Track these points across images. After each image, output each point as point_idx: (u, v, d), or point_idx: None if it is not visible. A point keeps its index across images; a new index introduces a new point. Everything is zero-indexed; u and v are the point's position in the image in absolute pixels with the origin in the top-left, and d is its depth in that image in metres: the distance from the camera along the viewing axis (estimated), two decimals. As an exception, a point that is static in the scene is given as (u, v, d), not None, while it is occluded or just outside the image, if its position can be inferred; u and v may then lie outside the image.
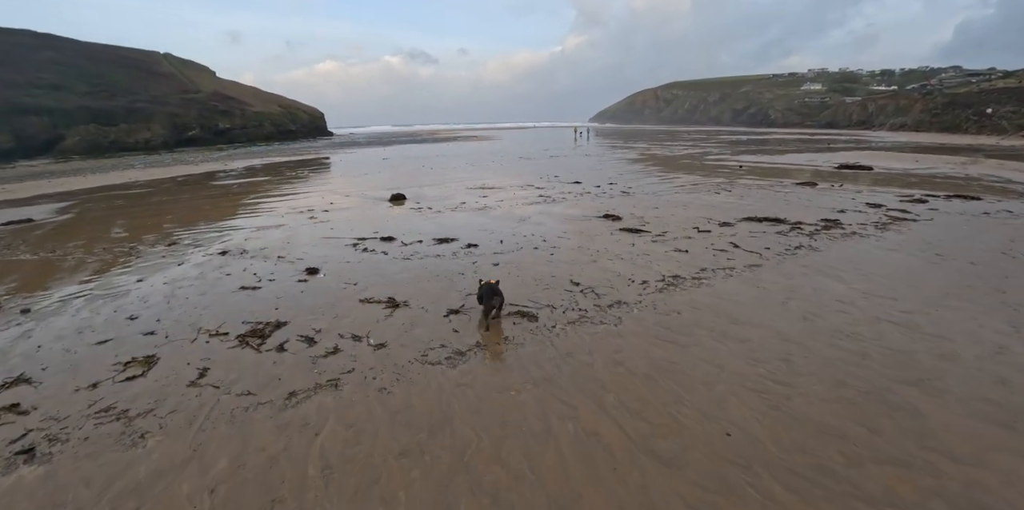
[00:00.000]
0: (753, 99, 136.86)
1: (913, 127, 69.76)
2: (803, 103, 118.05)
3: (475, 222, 11.31)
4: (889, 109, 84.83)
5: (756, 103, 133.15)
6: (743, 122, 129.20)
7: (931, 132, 62.08)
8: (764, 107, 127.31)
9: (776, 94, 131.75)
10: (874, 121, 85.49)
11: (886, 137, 57.63)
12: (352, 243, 9.72)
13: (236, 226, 12.19)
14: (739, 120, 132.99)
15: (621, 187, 16.60)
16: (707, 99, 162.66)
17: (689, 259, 8.00)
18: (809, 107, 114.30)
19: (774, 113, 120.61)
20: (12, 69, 48.08)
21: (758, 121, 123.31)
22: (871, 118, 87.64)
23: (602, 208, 12.60)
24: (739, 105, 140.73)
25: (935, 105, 69.12)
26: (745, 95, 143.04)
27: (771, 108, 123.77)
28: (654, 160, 28.52)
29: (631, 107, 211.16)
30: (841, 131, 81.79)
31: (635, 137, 64.04)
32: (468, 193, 16.02)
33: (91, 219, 14.42)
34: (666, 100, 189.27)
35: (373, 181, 20.74)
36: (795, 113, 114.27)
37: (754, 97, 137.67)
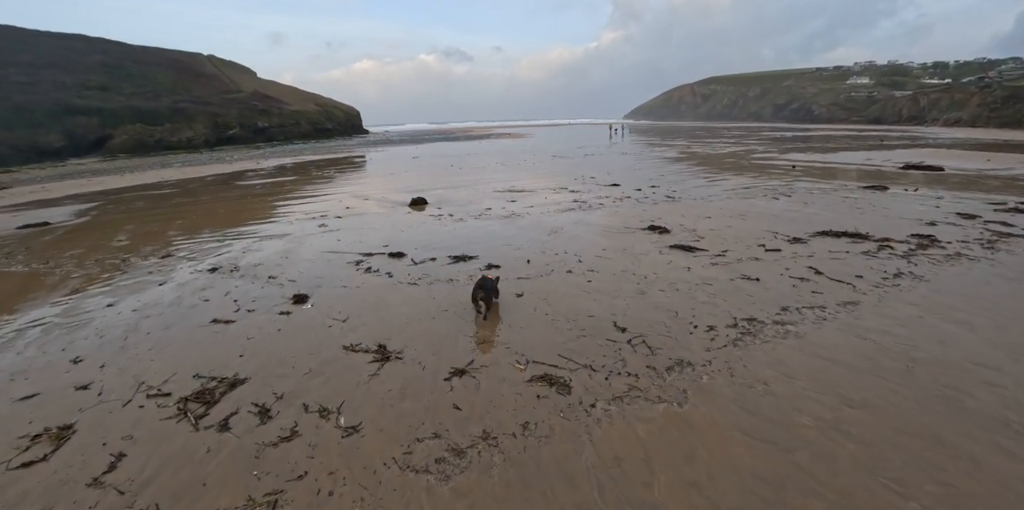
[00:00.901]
0: (796, 94, 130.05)
1: (969, 122, 64.32)
2: (849, 98, 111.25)
3: (500, 234, 9.72)
4: (943, 103, 78.69)
5: (799, 98, 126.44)
6: (785, 118, 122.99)
7: (989, 128, 56.93)
8: (807, 102, 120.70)
9: (820, 88, 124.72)
10: (926, 116, 79.51)
11: (941, 133, 52.97)
12: (356, 260, 8.29)
13: (241, 233, 10.98)
14: (780, 116, 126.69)
15: (664, 191, 14.71)
16: (747, 94, 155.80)
17: (763, 292, 6.20)
18: (855, 102, 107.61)
19: (818, 108, 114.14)
20: (64, 71, 49.12)
21: (801, 117, 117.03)
22: (923, 113, 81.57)
23: (646, 217, 10.82)
24: (781, 100, 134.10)
25: (994, 99, 63.38)
26: (787, 90, 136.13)
27: (815, 103, 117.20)
28: (696, 159, 26.27)
29: (667, 103, 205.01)
30: (891, 127, 76.43)
31: (673, 134, 61.09)
32: (495, 197, 14.44)
33: (103, 223, 13.55)
34: (704, 96, 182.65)
35: (397, 182, 19.40)
36: (840, 108, 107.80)
37: (797, 92, 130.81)
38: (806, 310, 5.61)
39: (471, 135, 74.74)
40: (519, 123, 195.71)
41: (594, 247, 8.40)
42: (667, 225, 9.84)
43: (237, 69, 72.66)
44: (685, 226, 9.80)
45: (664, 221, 10.27)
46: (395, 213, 12.43)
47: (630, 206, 12.22)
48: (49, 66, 48.74)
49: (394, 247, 8.95)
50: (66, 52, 51.71)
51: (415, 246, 8.98)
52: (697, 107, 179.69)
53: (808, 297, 6.00)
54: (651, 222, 10.19)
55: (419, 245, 9.04)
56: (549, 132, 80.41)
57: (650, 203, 12.56)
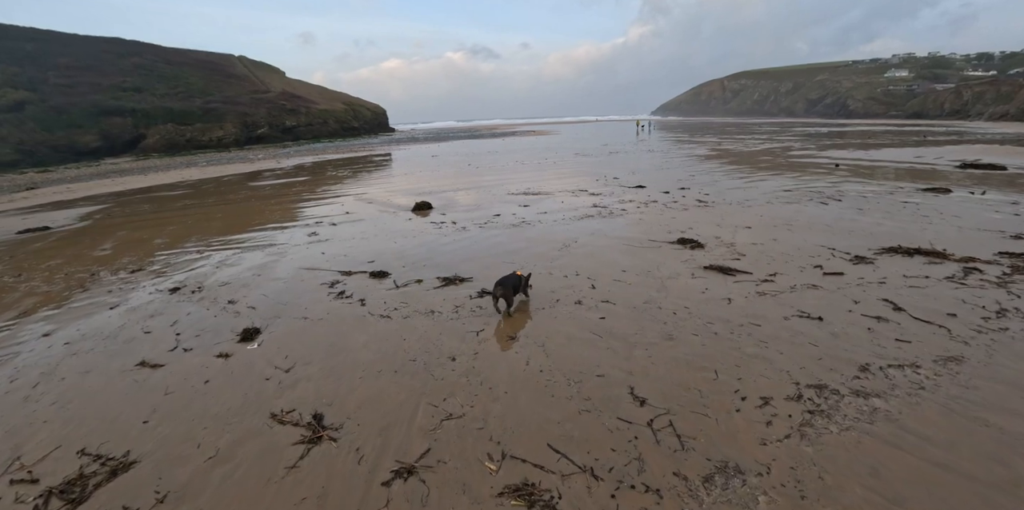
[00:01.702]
0: (830, 88, 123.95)
1: (1016, 116, 59.72)
2: (887, 91, 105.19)
3: (503, 247, 8.33)
4: (988, 97, 73.43)
5: (833, 92, 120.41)
6: (818, 113, 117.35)
7: (1043, 121, 52.54)
8: (842, 96, 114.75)
9: (856, 82, 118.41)
10: (970, 110, 74.39)
11: (988, 128, 48.90)
12: (332, 280, 7.04)
13: (227, 243, 9.92)
14: (814, 111, 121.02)
15: (696, 193, 13.04)
16: (778, 89, 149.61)
17: (829, 338, 4.65)
18: (893, 96, 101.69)
19: (853, 103, 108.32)
20: (101, 74, 49.80)
21: (835, 112, 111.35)
22: (966, 107, 76.36)
23: (674, 226, 9.26)
24: (814, 95, 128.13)
25: (1044, 91, 58.67)
26: (821, 84, 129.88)
27: (850, 97, 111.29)
28: (728, 157, 24.28)
29: (696, 99, 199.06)
30: (932, 121, 71.62)
31: (702, 130, 58.38)
32: (507, 201, 13.05)
33: (98, 229, 12.75)
34: (733, 91, 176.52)
35: (408, 183, 18.20)
36: (877, 102, 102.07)
37: (831, 86, 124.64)
38: (893, 371, 4.06)
39: (496, 132, 73.34)
40: (545, 120, 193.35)
41: (612, 267, 6.92)
42: (700, 237, 8.28)
43: (266, 69, 72.94)
44: (722, 239, 8.22)
45: (696, 232, 8.70)
46: (395, 219, 11.17)
47: (656, 212, 10.65)
48: (87, 69, 49.48)
49: (380, 264, 7.68)
50: (103, 55, 52.46)
51: (404, 262, 7.68)
52: (726, 103, 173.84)
53: (892, 349, 4.43)
54: (681, 233, 8.64)
55: (409, 261, 7.74)
56: (575, 129, 78.39)
57: (679, 209, 10.96)
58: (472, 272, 6.95)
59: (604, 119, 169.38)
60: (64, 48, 49.82)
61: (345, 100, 77.91)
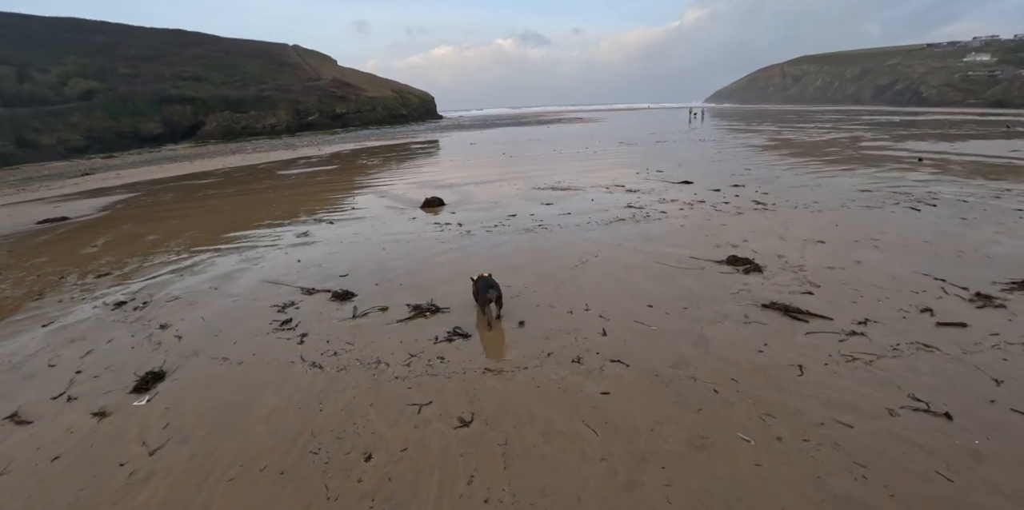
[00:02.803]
0: (901, 73, 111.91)
1: None
2: (965, 77, 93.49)
3: (503, 261, 6.71)
4: (1084, 84, 63.67)
5: (904, 78, 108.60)
6: (887, 100, 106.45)
7: None
8: (914, 82, 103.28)
9: (930, 67, 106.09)
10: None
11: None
12: (286, 302, 5.68)
13: (212, 241, 8.84)
14: (882, 98, 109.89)
15: (752, 192, 10.86)
16: (843, 75, 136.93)
17: (966, 458, 2.80)
18: (973, 82, 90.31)
19: (927, 89, 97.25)
20: (163, 64, 51.18)
21: (907, 99, 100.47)
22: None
23: (724, 237, 7.30)
24: (883, 80, 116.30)
25: None
26: (891, 69, 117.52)
27: (923, 84, 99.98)
28: (790, 148, 21.36)
29: (753, 85, 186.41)
30: (1017, 111, 62.87)
31: (759, 118, 53.71)
32: (530, 197, 11.36)
33: (108, 222, 12.14)
34: (794, 77, 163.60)
35: (432, 174, 16.77)
36: (954, 89, 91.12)
37: (902, 71, 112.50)
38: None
39: (541, 120, 70.89)
40: (595, 107, 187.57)
41: (636, 299, 5.16)
42: (757, 255, 6.33)
43: (319, 58, 73.33)
44: (786, 259, 6.24)
45: (752, 246, 6.74)
46: (398, 219, 9.75)
47: (703, 217, 8.67)
48: (151, 59, 50.98)
49: (352, 279, 6.26)
50: (166, 46, 53.92)
51: (380, 279, 6.22)
52: (786, 89, 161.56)
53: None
54: (732, 247, 6.71)
55: (386, 277, 6.27)
56: (623, 117, 74.67)
57: (731, 213, 8.92)
58: (451, 299, 5.38)
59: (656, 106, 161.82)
60: (131, 40, 51.49)
61: (394, 87, 77.43)
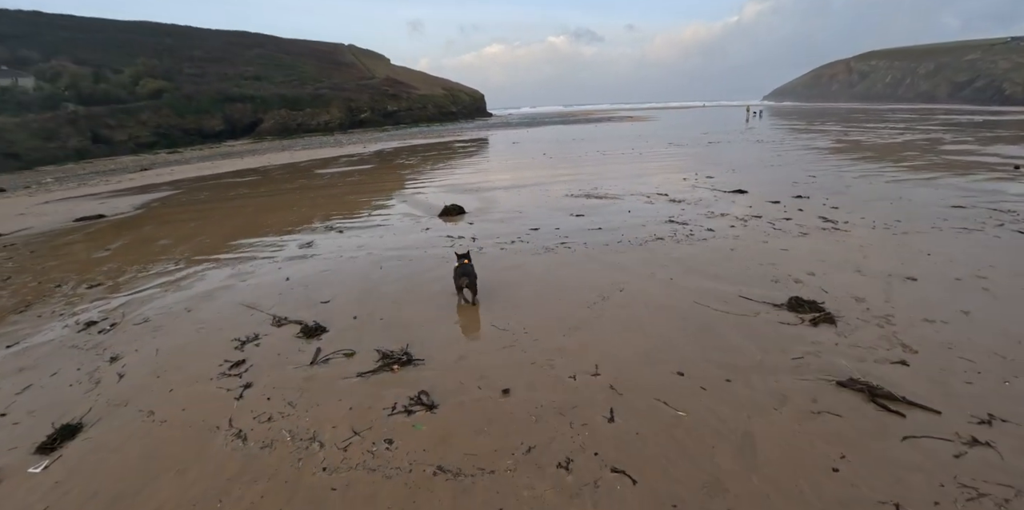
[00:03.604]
0: (981, 69, 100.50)
1: None
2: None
3: (503, 294, 5.60)
4: None
5: (985, 74, 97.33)
6: (965, 98, 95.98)
7: None
8: (996, 79, 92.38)
9: (1015, 63, 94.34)
10: None
11: None
12: (250, 334, 4.87)
13: (214, 250, 8.29)
14: (959, 96, 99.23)
15: (818, 205, 9.23)
16: (916, 70, 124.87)
17: None
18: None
19: (1011, 87, 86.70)
20: (227, 64, 53.33)
21: (987, 97, 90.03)
22: None
23: (784, 266, 5.89)
24: (961, 77, 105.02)
25: None
26: (970, 64, 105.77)
27: (1007, 80, 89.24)
28: (859, 151, 18.96)
29: (816, 82, 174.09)
30: None
31: (822, 117, 49.50)
32: (560, 206, 10.22)
33: (136, 222, 12.09)
34: (861, 73, 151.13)
35: (464, 176, 15.90)
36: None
37: (982, 67, 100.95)
38: None
39: (590, 118, 68.88)
40: (647, 105, 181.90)
41: (662, 361, 3.93)
42: (828, 297, 4.93)
43: (373, 57, 74.52)
44: (867, 304, 4.80)
45: (822, 283, 5.32)
46: (410, 229, 8.87)
47: (758, 238, 7.23)
48: (216, 60, 53.26)
49: (332, 308, 5.40)
50: (230, 47, 56.20)
51: (360, 310, 5.30)
52: (852, 86, 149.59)
53: None
54: (795, 282, 5.32)
55: (368, 310, 5.33)
56: (676, 115, 71.37)
57: (794, 233, 7.42)
58: (432, 345, 4.37)
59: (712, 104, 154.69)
60: (198, 42, 54.03)
61: (444, 85, 77.61)
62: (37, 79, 41.91)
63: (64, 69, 42.92)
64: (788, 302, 4.76)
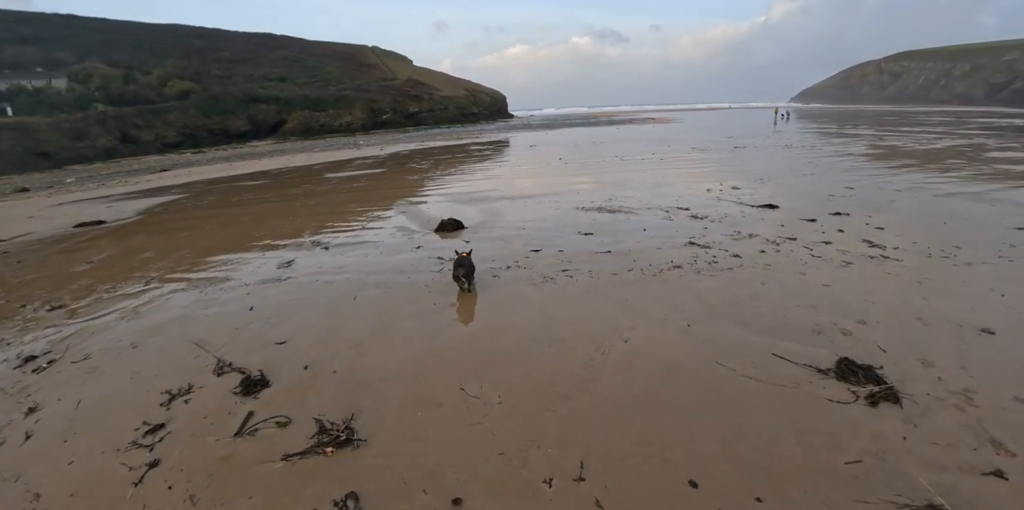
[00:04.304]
0: (1020, 70, 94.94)
1: None
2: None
3: (484, 346, 4.74)
4: None
5: None
6: (1002, 100, 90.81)
7: None
8: None
9: None
10: None
11: None
12: (180, 389, 4.11)
13: (192, 266, 7.65)
14: (997, 98, 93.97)
15: (860, 224, 8.08)
16: (951, 71, 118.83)
17: None
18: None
19: None
20: (253, 65, 53.72)
21: None
22: None
23: (828, 314, 4.81)
24: (998, 78, 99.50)
25: None
26: (1008, 65, 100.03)
27: None
28: (898, 157, 17.45)
29: (845, 83, 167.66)
30: None
31: (853, 119, 47.12)
32: (568, 221, 9.31)
33: (131, 230, 11.65)
34: (892, 74, 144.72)
35: (472, 183, 15.08)
36: (1086, 89, 75.71)
37: (1021, 68, 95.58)
38: None
39: (613, 120, 67.43)
40: (671, 107, 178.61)
41: (667, 461, 3.00)
42: (887, 357, 3.91)
43: (395, 58, 74.44)
44: (938, 370, 3.76)
45: (877, 335, 4.27)
46: (402, 246, 8.07)
47: (794, 268, 6.18)
48: (242, 61, 53.72)
49: (287, 349, 4.62)
50: (256, 48, 56.65)
51: (316, 355, 4.49)
52: (883, 88, 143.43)
53: None
54: (843, 336, 4.30)
55: (326, 352, 4.52)
56: (701, 117, 69.36)
57: (836, 261, 6.33)
58: (384, 415, 3.52)
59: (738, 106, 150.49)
60: (225, 43, 54.60)
61: (466, 87, 77.05)
62: (70, 80, 42.77)
63: (96, 70, 43.72)
64: (836, 367, 3.76)
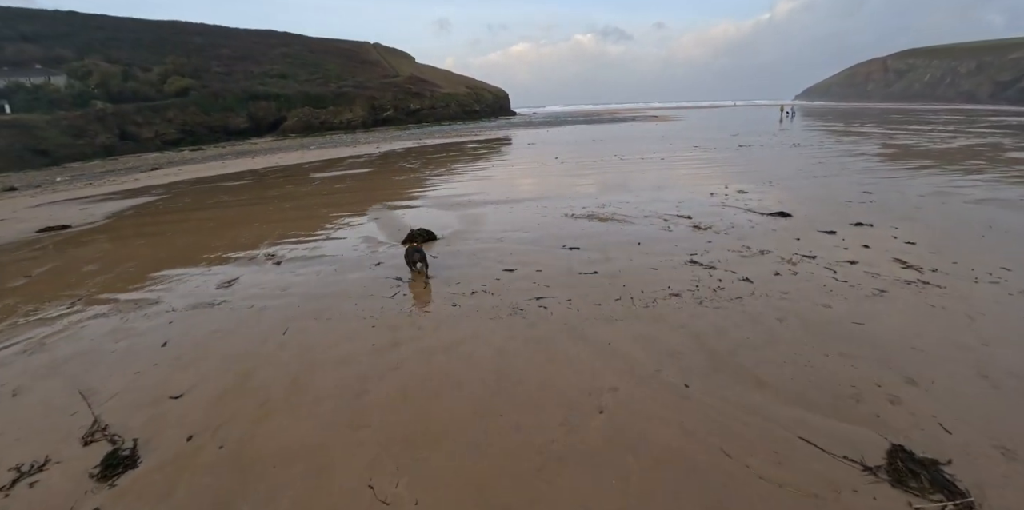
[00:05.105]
0: None
1: None
2: (1108, 74, 74.95)
3: (414, 406, 3.77)
4: None
5: None
6: (1009, 99, 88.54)
7: None
8: None
9: None
10: None
11: None
12: (29, 467, 3.14)
13: (126, 288, 6.67)
14: (1003, 96, 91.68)
15: (887, 237, 7.00)
16: (956, 69, 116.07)
17: None
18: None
19: None
20: (253, 62, 52.72)
21: None
22: None
23: (862, 365, 3.75)
24: (1004, 76, 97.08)
25: None
26: (1015, 63, 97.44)
27: None
28: (913, 157, 16.26)
29: (850, 81, 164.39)
30: None
31: (859, 117, 45.55)
32: (553, 232, 8.30)
33: (91, 235, 10.72)
34: (898, 72, 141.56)
35: (459, 185, 14.06)
36: (1097, 87, 73.38)
37: None
38: None
39: (615, 117, 66.06)
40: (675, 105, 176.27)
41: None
42: (948, 440, 2.88)
43: (397, 55, 73.21)
44: (1016, 458, 2.78)
45: (933, 404, 3.21)
46: (362, 262, 7.07)
47: (815, 298, 5.10)
48: (243, 58, 52.73)
49: (182, 405, 3.64)
50: (257, 46, 55.63)
51: (206, 422, 3.50)
52: (888, 86, 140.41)
53: None
54: (890, 405, 3.23)
55: (226, 415, 3.54)
56: (704, 115, 67.83)
57: (865, 289, 5.25)
58: None
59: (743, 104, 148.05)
60: (226, 40, 53.63)
61: (468, 84, 75.76)
62: (69, 77, 41.96)
63: (95, 67, 42.87)
64: (888, 462, 2.71)
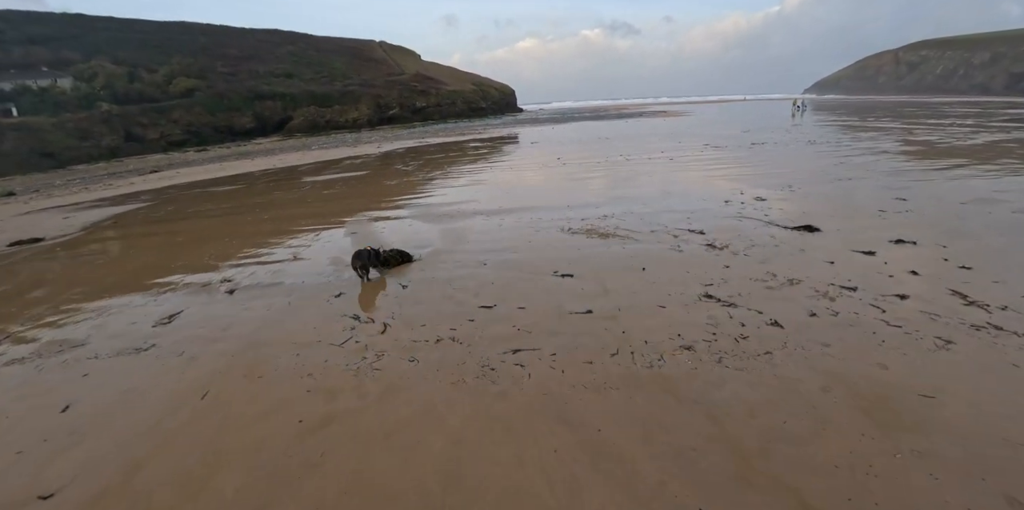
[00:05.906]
0: None
1: None
2: None
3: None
4: None
5: None
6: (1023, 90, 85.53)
7: None
8: None
9: None
10: None
11: None
12: None
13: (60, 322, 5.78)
14: (1017, 88, 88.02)
15: (936, 260, 5.84)
16: (970, 61, 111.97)
17: None
18: None
19: None
20: (259, 62, 51.94)
21: None
22: None
23: (946, 478, 2.68)
24: (1019, 67, 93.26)
25: None
26: None
27: None
28: (940, 156, 14.89)
29: (861, 74, 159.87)
30: None
31: (872, 111, 43.45)
32: (545, 252, 7.26)
33: (64, 249, 9.92)
34: (910, 64, 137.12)
35: (452, 191, 13.02)
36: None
37: None
38: None
39: (622, 113, 64.38)
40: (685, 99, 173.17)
41: None
42: None
43: (403, 52, 72.05)
44: None
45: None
46: (321, 293, 6.08)
47: (864, 354, 3.98)
48: (248, 58, 51.96)
49: None
50: (263, 45, 54.83)
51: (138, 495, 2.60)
52: (900, 78, 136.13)
53: None
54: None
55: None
56: (714, 110, 65.90)
57: (926, 338, 4.10)
58: None
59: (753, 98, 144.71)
60: (232, 40, 52.88)
61: (474, 81, 74.45)
62: (75, 79, 41.49)
63: (101, 69, 42.36)
64: None
